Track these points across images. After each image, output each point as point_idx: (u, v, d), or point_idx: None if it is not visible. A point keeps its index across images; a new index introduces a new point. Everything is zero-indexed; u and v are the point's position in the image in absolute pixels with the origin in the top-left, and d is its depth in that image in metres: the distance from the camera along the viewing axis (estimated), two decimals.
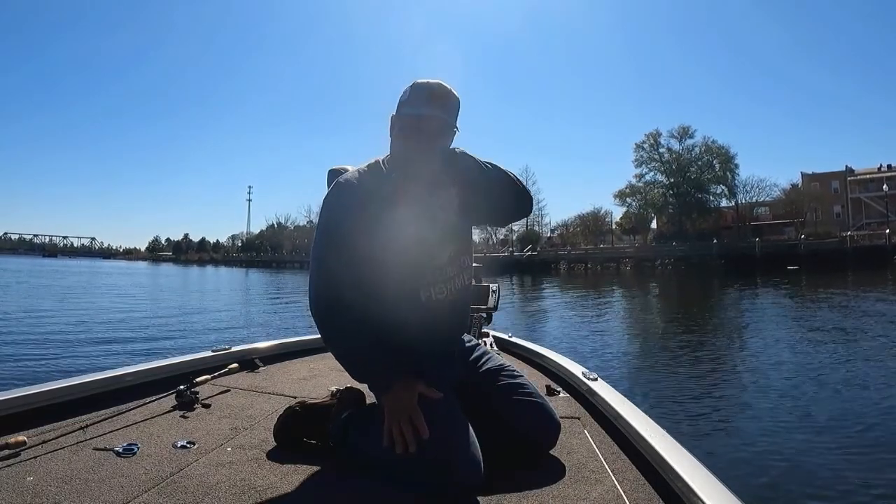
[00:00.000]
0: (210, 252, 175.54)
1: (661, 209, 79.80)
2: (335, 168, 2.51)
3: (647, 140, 79.52)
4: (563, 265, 70.96)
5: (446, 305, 2.14)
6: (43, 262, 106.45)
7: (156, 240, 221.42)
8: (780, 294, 25.05)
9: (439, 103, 2.03)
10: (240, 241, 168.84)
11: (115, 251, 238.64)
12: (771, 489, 4.27)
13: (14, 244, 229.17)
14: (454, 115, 2.09)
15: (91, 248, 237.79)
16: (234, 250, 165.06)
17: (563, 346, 11.24)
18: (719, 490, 1.55)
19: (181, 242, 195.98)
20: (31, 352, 10.29)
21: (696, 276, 46.34)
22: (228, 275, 66.35)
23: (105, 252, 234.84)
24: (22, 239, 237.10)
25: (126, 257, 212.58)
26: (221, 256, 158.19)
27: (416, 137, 2.02)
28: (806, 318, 15.76)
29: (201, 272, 76.33)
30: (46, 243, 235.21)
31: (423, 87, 2.05)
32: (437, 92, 2.04)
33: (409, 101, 2.05)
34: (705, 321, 15.35)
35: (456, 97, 2.08)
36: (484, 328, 3.78)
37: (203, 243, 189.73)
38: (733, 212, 78.35)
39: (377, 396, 2.00)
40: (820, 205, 71.74)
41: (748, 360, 9.77)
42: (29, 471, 1.86)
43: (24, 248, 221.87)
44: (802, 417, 6.04)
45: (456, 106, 2.09)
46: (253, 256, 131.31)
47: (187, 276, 57.96)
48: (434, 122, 2.02)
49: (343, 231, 1.99)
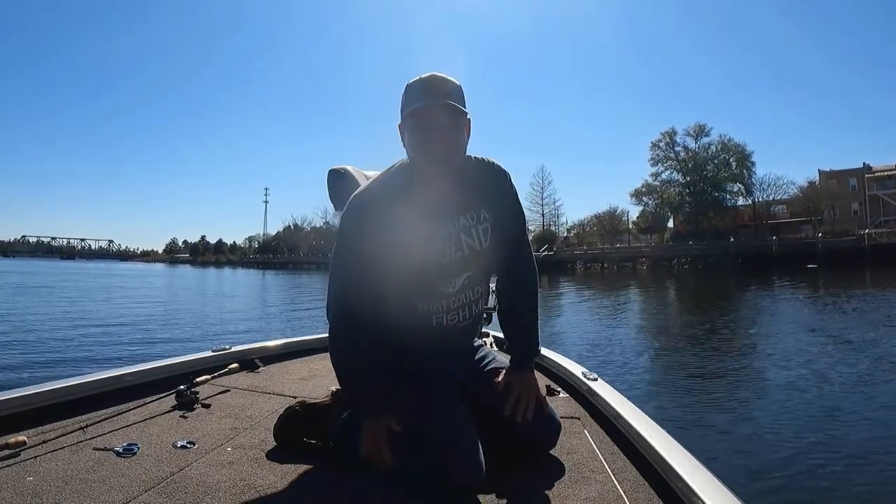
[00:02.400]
0: (227, 254, 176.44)
1: (677, 208, 79.73)
2: (335, 168, 2.51)
3: (663, 138, 79.63)
4: (580, 265, 70.94)
5: (458, 331, 2.14)
6: (60, 265, 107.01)
7: (173, 242, 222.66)
8: (797, 294, 24.79)
9: (436, 91, 1.91)
10: (256, 243, 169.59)
11: (132, 253, 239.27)
12: (771, 489, 4.24)
13: (32, 247, 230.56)
14: (458, 99, 1.94)
15: (108, 251, 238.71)
16: (250, 252, 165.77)
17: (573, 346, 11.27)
18: (719, 490, 1.55)
19: (198, 244, 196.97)
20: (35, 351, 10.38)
21: (712, 276, 46.14)
22: (245, 277, 66.48)
23: (122, 254, 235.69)
24: (40, 241, 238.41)
25: (143, 259, 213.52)
26: (238, 258, 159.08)
27: (425, 135, 1.90)
28: (820, 319, 15.56)
29: (218, 274, 76.57)
30: (64, 246, 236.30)
31: (415, 82, 1.95)
32: (431, 81, 1.93)
33: (407, 101, 1.95)
34: (716, 321, 15.18)
35: (454, 83, 1.96)
36: (484, 328, 3.78)
37: (220, 245, 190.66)
38: (750, 210, 78.12)
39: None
40: (837, 202, 71.29)
41: (754, 360, 9.73)
42: (29, 471, 1.86)
43: (42, 251, 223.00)
44: (804, 419, 5.99)
45: (457, 91, 1.96)
46: (269, 258, 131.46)
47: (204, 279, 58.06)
48: (437, 111, 1.89)
49: (355, 249, 1.96)
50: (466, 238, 2.05)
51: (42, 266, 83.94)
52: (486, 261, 2.11)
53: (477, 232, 2.06)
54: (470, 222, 2.06)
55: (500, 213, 2.11)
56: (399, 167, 2.05)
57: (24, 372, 8.37)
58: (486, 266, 2.13)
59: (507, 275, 2.22)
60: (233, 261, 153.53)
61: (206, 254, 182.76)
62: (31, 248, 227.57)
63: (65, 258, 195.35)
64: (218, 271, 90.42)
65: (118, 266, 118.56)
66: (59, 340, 11.69)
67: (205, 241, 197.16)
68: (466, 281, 2.07)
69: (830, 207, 70.96)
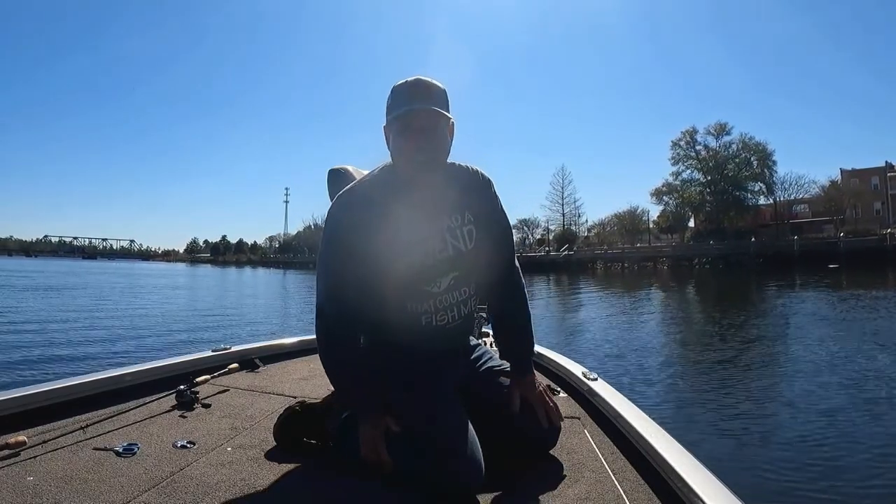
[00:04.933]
0: (247, 253, 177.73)
1: (698, 207, 79.22)
2: (335, 168, 2.51)
3: (684, 137, 79.08)
4: (600, 265, 70.63)
5: (448, 332, 2.13)
6: (82, 264, 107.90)
7: (194, 241, 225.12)
8: (818, 294, 24.41)
9: (421, 96, 1.94)
10: (277, 243, 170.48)
11: (153, 253, 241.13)
12: (771, 489, 4.21)
13: (54, 246, 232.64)
14: (441, 103, 1.97)
15: (130, 250, 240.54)
16: (271, 251, 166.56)
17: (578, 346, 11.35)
18: (719, 490, 1.54)
19: (219, 244, 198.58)
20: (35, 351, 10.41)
21: (733, 275, 45.86)
22: (266, 276, 66.79)
23: (144, 254, 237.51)
24: (62, 241, 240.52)
25: (164, 259, 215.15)
26: (259, 258, 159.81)
27: (407, 139, 1.93)
28: (837, 320, 15.23)
29: (239, 273, 77.05)
30: (86, 245, 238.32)
31: (401, 86, 1.98)
32: (415, 85, 1.96)
33: (392, 104, 1.98)
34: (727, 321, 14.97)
35: (439, 87, 1.99)
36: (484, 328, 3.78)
37: (241, 245, 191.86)
38: (771, 210, 77.47)
39: None
40: (860, 201, 70.47)
41: (759, 361, 9.60)
42: (29, 471, 1.87)
43: (64, 251, 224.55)
44: (805, 419, 5.94)
45: (441, 95, 1.99)
46: (290, 258, 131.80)
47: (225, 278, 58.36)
48: (421, 115, 1.92)
49: (342, 246, 1.98)
50: (451, 239, 2.07)
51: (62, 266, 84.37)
52: (473, 262, 2.12)
53: (462, 233, 2.09)
54: (454, 223, 2.08)
55: (483, 217, 2.15)
56: (383, 168, 2.09)
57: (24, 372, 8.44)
58: (472, 268, 2.13)
59: (496, 279, 2.22)
60: (253, 260, 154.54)
61: (226, 254, 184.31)
62: (53, 248, 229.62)
63: (87, 258, 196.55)
64: (238, 271, 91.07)
65: (140, 265, 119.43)
66: (59, 340, 11.75)
67: (226, 241, 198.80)
68: (453, 282, 2.07)
69: (853, 206, 70.29)
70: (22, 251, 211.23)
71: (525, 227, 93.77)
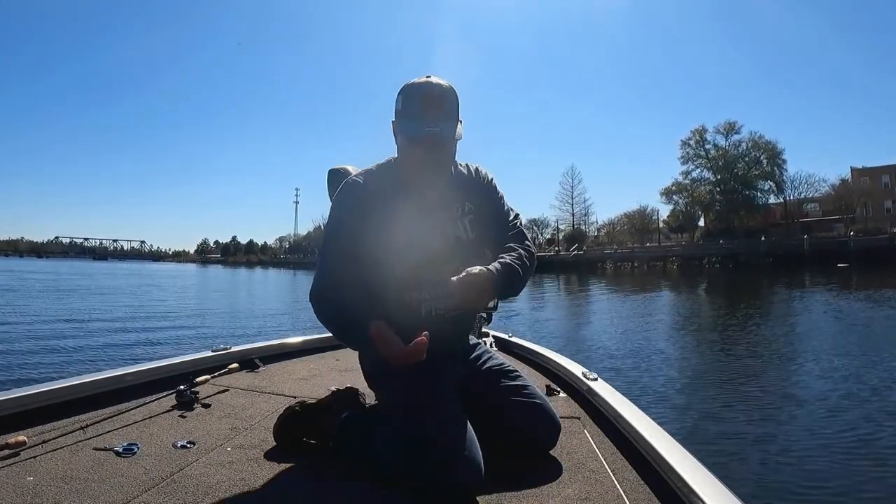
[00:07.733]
0: (258, 254, 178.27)
1: (708, 206, 79.12)
2: (335, 168, 2.52)
3: (693, 136, 79.13)
4: (609, 264, 70.51)
5: (449, 321, 2.15)
6: (93, 265, 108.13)
7: (204, 242, 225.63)
8: (826, 294, 24.26)
9: (434, 112, 1.97)
10: (287, 243, 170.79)
11: (164, 254, 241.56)
12: (771, 489, 4.19)
13: (65, 247, 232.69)
14: (452, 110, 2.02)
15: (140, 251, 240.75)
16: (281, 252, 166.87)
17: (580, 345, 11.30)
18: (719, 490, 1.54)
19: (229, 245, 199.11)
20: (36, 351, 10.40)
21: (743, 274, 45.73)
22: (276, 276, 66.88)
23: (154, 255, 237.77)
24: (73, 242, 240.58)
25: (175, 259, 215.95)
26: (269, 258, 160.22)
27: (419, 152, 2.00)
28: (843, 320, 15.02)
29: (249, 274, 77.18)
30: (97, 246, 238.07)
31: (413, 91, 2.00)
32: (428, 97, 1.98)
33: (403, 111, 2.01)
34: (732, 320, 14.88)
35: (450, 93, 2.02)
36: (484, 328, 3.79)
37: (251, 245, 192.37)
38: (781, 208, 77.31)
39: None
40: (870, 200, 70.13)
41: (760, 361, 9.50)
42: (29, 471, 1.87)
43: (75, 252, 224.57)
44: (806, 419, 5.90)
45: (452, 101, 2.03)
46: (300, 258, 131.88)
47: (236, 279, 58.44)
48: (433, 137, 1.97)
49: (344, 232, 2.02)
50: (452, 228, 2.12)
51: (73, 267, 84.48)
52: (474, 252, 2.14)
53: (463, 223, 2.14)
54: (455, 214, 2.14)
55: (483, 207, 2.18)
56: (388, 161, 2.14)
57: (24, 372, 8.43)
58: (473, 257, 2.12)
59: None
60: (263, 261, 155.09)
61: (237, 254, 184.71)
62: (64, 249, 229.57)
63: (97, 259, 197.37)
64: (249, 272, 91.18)
65: (151, 266, 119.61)
66: (59, 340, 11.71)
67: (236, 242, 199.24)
68: (455, 271, 2.04)
69: (863, 205, 69.97)
70: (33, 252, 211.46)
71: (535, 227, 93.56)
